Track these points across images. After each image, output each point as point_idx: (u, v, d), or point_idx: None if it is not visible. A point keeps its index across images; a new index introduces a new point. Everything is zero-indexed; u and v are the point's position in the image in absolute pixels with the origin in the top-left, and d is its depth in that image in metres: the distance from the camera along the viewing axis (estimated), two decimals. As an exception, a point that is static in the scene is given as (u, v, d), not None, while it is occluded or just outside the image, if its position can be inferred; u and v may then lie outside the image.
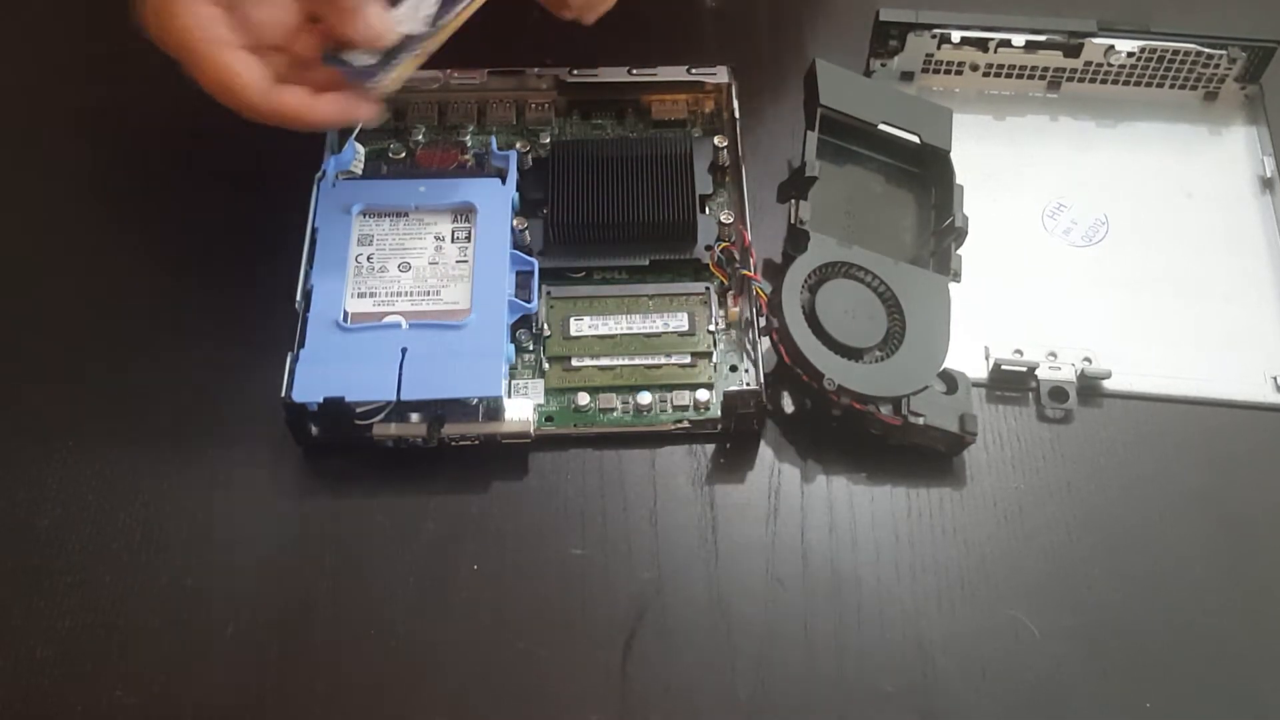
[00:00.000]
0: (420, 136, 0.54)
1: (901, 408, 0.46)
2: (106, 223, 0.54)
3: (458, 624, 0.45)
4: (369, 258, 0.49)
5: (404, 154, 0.54)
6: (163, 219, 0.54)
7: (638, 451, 0.48)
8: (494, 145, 0.52)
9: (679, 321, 0.50)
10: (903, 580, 0.46)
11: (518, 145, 0.53)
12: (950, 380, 0.47)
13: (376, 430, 0.46)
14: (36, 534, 0.46)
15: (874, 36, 0.56)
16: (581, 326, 0.50)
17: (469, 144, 0.55)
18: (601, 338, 0.50)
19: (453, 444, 0.47)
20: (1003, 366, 0.50)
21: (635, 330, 0.50)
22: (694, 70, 0.54)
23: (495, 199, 0.50)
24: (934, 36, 0.56)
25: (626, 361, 0.49)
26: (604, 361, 0.49)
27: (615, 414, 0.49)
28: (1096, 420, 0.50)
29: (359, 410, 0.45)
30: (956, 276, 0.50)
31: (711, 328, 0.50)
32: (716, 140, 0.53)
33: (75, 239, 0.54)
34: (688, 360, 0.49)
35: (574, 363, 0.49)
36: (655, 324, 0.50)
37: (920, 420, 0.46)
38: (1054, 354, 0.51)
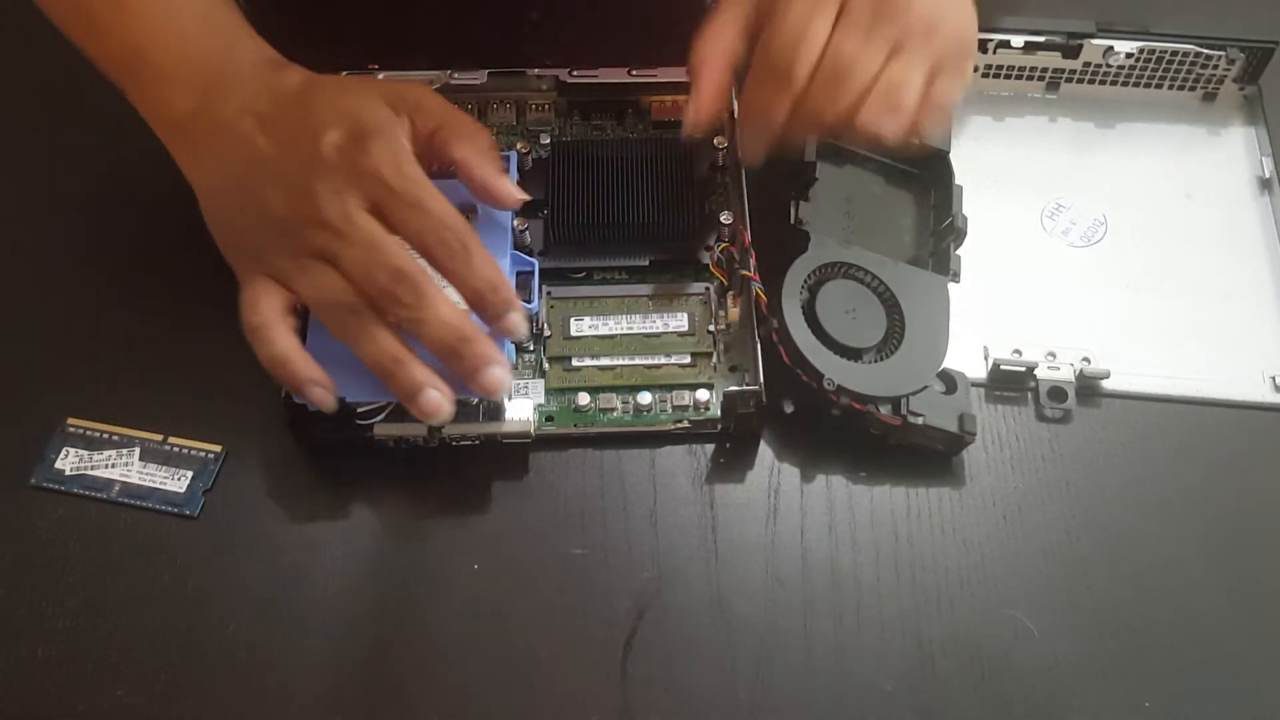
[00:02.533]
0: (420, 137, 0.55)
1: (901, 407, 0.46)
2: (106, 222, 0.54)
3: (458, 624, 0.45)
4: (369, 258, 0.49)
5: (404, 154, 0.54)
6: (162, 218, 0.54)
7: (638, 451, 0.49)
8: (494, 145, 0.52)
9: (679, 321, 0.50)
10: (902, 580, 0.46)
11: (518, 146, 0.53)
12: (949, 380, 0.48)
13: (377, 430, 0.46)
14: (37, 534, 0.46)
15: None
16: (582, 327, 0.50)
17: (469, 144, 0.55)
18: (602, 338, 0.50)
19: (453, 444, 0.47)
20: (1002, 366, 0.50)
21: (635, 330, 0.50)
22: (694, 71, 0.54)
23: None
24: (933, 37, 0.56)
25: (626, 361, 0.49)
26: (604, 361, 0.49)
27: (615, 414, 0.49)
28: (1095, 420, 0.50)
29: (360, 410, 0.45)
30: (956, 277, 0.50)
31: (711, 328, 0.50)
32: (716, 140, 0.53)
33: (75, 236, 0.54)
34: (688, 360, 0.49)
35: (574, 363, 0.49)
36: (655, 324, 0.50)
37: (919, 420, 0.46)
38: (1053, 354, 0.51)
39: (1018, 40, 0.56)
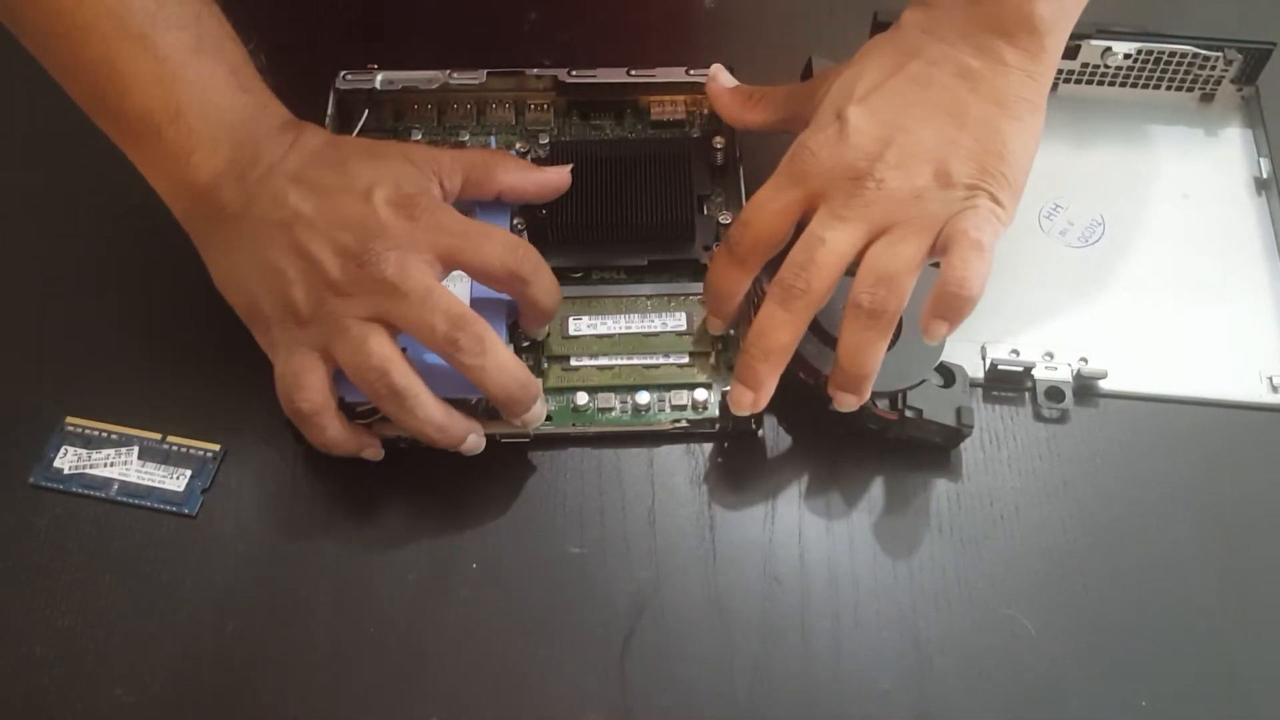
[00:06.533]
0: (419, 137, 0.55)
1: (898, 402, 0.46)
2: (106, 222, 0.54)
3: (458, 624, 0.45)
4: (368, 258, 0.49)
5: (403, 154, 0.54)
6: (163, 218, 0.54)
7: (636, 451, 0.49)
8: (493, 145, 0.53)
9: (677, 321, 0.50)
10: (899, 579, 0.46)
11: (517, 146, 0.53)
12: (947, 373, 0.48)
13: (376, 430, 0.46)
14: (36, 533, 0.46)
15: (872, 36, 0.56)
16: (580, 326, 0.50)
17: (468, 144, 0.55)
18: (600, 337, 0.50)
19: (452, 443, 0.47)
20: (999, 366, 0.50)
21: (634, 330, 0.50)
22: (692, 71, 0.54)
23: (494, 199, 0.50)
24: (931, 37, 0.56)
25: (625, 361, 0.49)
26: (602, 361, 0.49)
27: (614, 413, 0.49)
28: (1093, 420, 0.50)
29: (359, 409, 0.45)
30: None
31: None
32: (715, 141, 0.53)
33: (75, 235, 0.54)
34: (686, 360, 0.49)
35: (573, 362, 0.49)
36: (654, 324, 0.50)
37: (916, 415, 0.46)
38: (1050, 354, 0.51)
39: (1016, 40, 0.56)
